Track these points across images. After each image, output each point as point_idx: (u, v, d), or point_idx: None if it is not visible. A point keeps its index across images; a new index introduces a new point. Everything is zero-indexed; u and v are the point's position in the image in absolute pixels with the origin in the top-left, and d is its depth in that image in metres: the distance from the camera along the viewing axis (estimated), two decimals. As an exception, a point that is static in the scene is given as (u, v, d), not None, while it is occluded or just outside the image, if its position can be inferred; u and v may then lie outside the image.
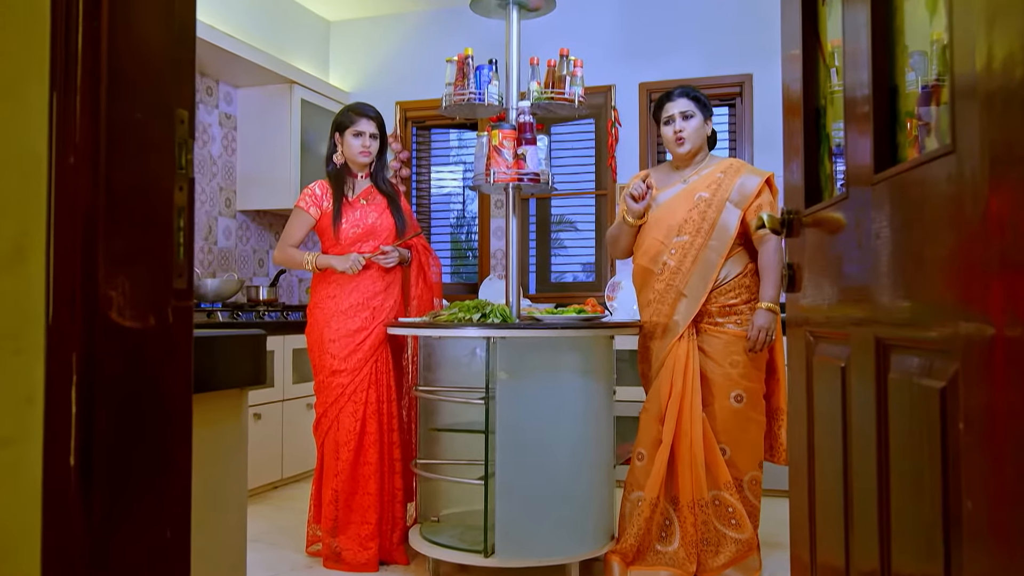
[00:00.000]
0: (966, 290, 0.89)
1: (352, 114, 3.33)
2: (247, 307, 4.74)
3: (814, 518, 1.64)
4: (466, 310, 3.00)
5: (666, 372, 3.00)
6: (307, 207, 3.29)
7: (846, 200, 1.33)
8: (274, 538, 3.62)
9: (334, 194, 3.31)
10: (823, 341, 1.54)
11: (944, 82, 1.01)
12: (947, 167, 0.94)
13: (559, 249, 5.65)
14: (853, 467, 1.32)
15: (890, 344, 1.15)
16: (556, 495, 2.96)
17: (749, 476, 3.01)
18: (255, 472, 4.31)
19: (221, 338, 1.34)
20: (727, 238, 2.98)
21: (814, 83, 1.68)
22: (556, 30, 4.76)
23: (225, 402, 1.36)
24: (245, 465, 1.42)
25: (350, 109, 3.36)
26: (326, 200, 3.30)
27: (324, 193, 3.31)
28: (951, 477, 0.93)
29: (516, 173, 3.16)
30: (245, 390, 1.41)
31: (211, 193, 5.05)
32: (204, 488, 1.32)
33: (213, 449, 1.35)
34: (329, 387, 3.22)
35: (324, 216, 3.30)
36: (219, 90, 5.13)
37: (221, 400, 1.34)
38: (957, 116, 0.90)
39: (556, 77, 3.27)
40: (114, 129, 0.90)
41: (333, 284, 3.27)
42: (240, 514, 1.40)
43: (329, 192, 3.31)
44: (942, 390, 0.95)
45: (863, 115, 1.22)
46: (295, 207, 3.33)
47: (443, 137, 6.03)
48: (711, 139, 3.25)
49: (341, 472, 3.18)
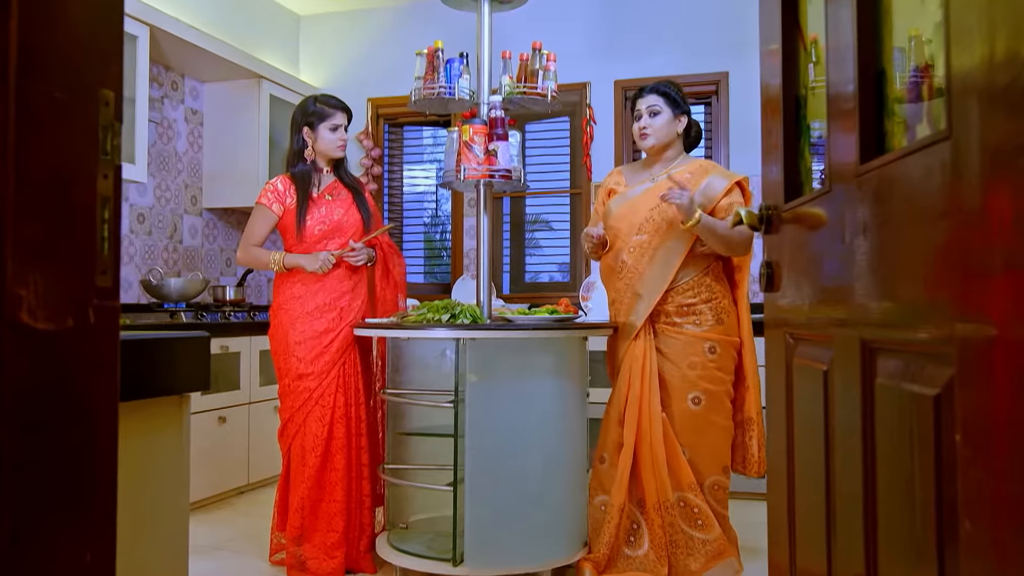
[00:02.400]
0: (963, 288, 0.82)
1: (326, 107, 3.21)
2: (213, 307, 4.61)
3: (794, 524, 1.57)
4: (435, 310, 2.91)
5: (624, 373, 2.94)
6: (270, 203, 3.17)
7: (828, 194, 1.26)
8: (239, 546, 3.50)
9: (299, 191, 3.18)
10: (803, 343, 1.46)
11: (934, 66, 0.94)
12: (941, 155, 0.86)
13: (534, 249, 5.57)
14: (836, 475, 1.25)
15: (876, 347, 1.08)
16: (527, 501, 2.88)
17: (711, 481, 2.92)
18: (220, 477, 4.20)
19: (159, 341, 1.24)
20: (687, 239, 2.90)
21: (794, 73, 1.61)
22: (530, 26, 4.68)
23: (163, 409, 1.27)
24: (187, 475, 1.32)
25: (320, 101, 3.23)
26: (289, 196, 3.18)
27: (287, 189, 3.18)
28: (946, 492, 0.85)
29: (487, 170, 3.07)
30: (187, 396, 1.31)
31: (176, 190, 4.92)
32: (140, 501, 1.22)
33: (150, 459, 1.25)
34: (295, 391, 3.11)
35: (287, 213, 3.17)
36: (185, 85, 5.00)
37: (159, 407, 1.25)
38: (954, 99, 0.83)
39: (528, 71, 3.19)
40: (26, 108, 0.81)
41: (299, 284, 3.15)
42: (181, 527, 1.31)
43: (292, 188, 3.19)
44: (935, 397, 0.88)
45: (847, 103, 1.15)
46: (257, 204, 3.20)
47: (416, 135, 5.93)
48: (695, 137, 3.17)
49: (308, 479, 3.07)
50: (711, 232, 2.82)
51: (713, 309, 2.93)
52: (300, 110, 3.25)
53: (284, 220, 3.18)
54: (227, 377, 4.27)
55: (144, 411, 1.24)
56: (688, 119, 3.10)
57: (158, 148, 4.77)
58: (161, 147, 4.80)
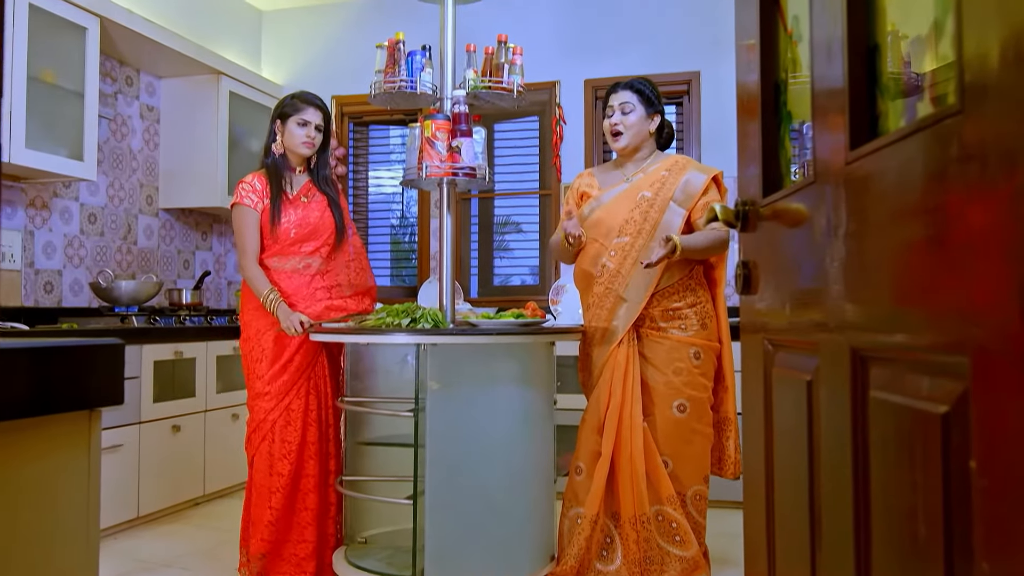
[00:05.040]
0: (980, 286, 0.70)
1: (298, 102, 3.08)
2: (168, 311, 4.43)
3: (773, 546, 1.44)
4: (395, 314, 2.76)
5: (605, 380, 2.81)
6: (253, 204, 3.00)
7: (812, 185, 1.13)
8: (191, 562, 3.33)
9: (272, 189, 3.03)
10: (784, 350, 1.34)
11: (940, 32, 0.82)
12: (950, 133, 0.74)
13: (503, 252, 5.43)
14: (822, 498, 1.13)
15: (869, 355, 0.95)
16: (491, 514, 2.74)
17: (693, 491, 2.81)
18: (174, 489, 4.02)
19: (64, 349, 1.09)
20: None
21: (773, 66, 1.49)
22: (499, 24, 4.56)
23: (68, 427, 1.11)
24: (96, 500, 1.17)
25: (296, 97, 3.11)
26: (266, 195, 3.03)
27: (264, 187, 3.04)
28: (956, 527, 0.73)
29: (450, 167, 2.93)
30: (97, 412, 1.16)
31: (130, 189, 4.72)
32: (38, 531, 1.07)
33: (52, 484, 1.10)
34: (264, 397, 2.95)
35: (263, 212, 3.02)
36: (140, 80, 4.81)
37: (60, 425, 1.10)
38: (966, 66, 0.70)
39: (494, 65, 3.06)
40: None
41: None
42: (89, 558, 1.16)
43: (267, 186, 3.04)
44: (944, 416, 0.75)
45: (835, 82, 1.03)
46: (238, 205, 3.01)
47: (382, 134, 5.77)
48: (667, 138, 3.07)
49: (281, 488, 2.91)
50: (692, 250, 2.74)
51: (698, 313, 2.82)
52: (277, 104, 3.16)
53: (261, 218, 3.02)
54: (182, 384, 4.09)
55: (45, 429, 1.09)
56: (661, 119, 2.99)
57: (111, 145, 4.58)
58: (114, 144, 4.61)
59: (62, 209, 4.24)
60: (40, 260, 4.10)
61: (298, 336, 2.94)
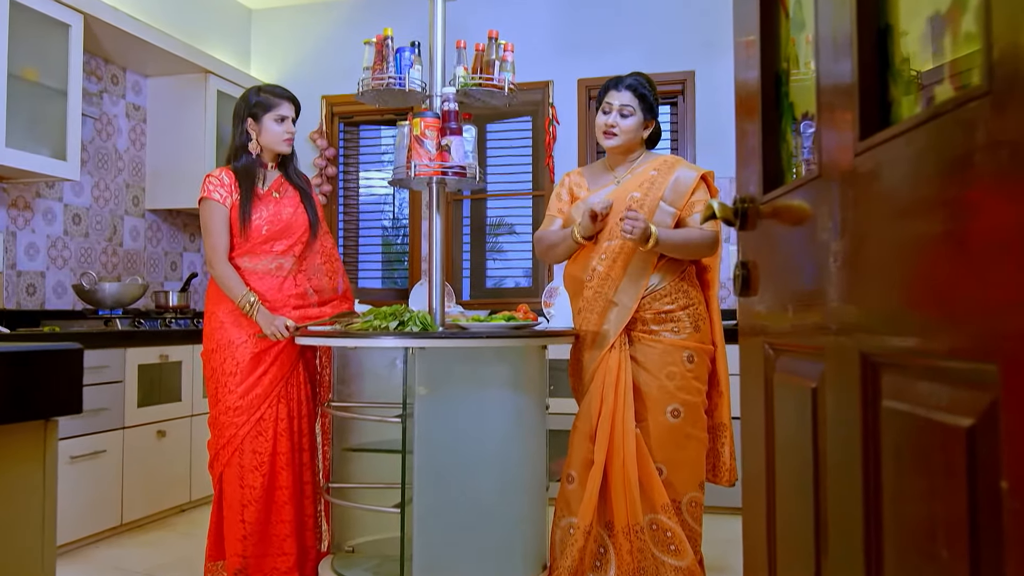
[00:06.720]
0: (1011, 286, 0.63)
1: (271, 97, 2.95)
2: (154, 314, 4.34)
3: (774, 556, 1.37)
4: (383, 317, 2.69)
5: (596, 386, 2.73)
6: (222, 199, 2.88)
7: (818, 179, 1.06)
8: (172, 571, 3.25)
9: (242, 186, 2.91)
10: (786, 355, 1.26)
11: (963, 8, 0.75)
12: (975, 118, 0.67)
13: (496, 254, 5.36)
14: (830, 509, 1.06)
15: (882, 362, 0.88)
16: (482, 522, 2.67)
17: (688, 498, 2.74)
18: (158, 496, 3.93)
19: (14, 355, 1.02)
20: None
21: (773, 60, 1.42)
22: (491, 24, 4.49)
23: (19, 439, 1.04)
24: (53, 517, 1.09)
25: (265, 91, 2.97)
26: (235, 190, 2.92)
27: (232, 181, 2.92)
28: (985, 553, 0.66)
29: (440, 166, 2.86)
30: (53, 422, 1.09)
31: (116, 190, 4.64)
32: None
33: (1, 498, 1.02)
34: (235, 411, 2.85)
35: (232, 209, 2.91)
36: (126, 79, 4.73)
37: (12, 436, 1.02)
38: (995, 41, 0.63)
39: (485, 62, 2.99)
40: None
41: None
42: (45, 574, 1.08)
43: (236, 182, 2.94)
44: (969, 430, 0.68)
45: (843, 66, 0.96)
46: (206, 200, 2.89)
47: (373, 135, 5.69)
48: (654, 136, 3.00)
49: (254, 500, 2.81)
50: (672, 245, 2.66)
51: (691, 316, 2.75)
52: (243, 101, 2.98)
53: (230, 215, 2.91)
54: (167, 388, 4.01)
55: (-5, 440, 1.02)
56: (655, 123, 2.93)
57: (96, 145, 4.49)
58: (100, 144, 4.53)
59: (45, 210, 4.16)
60: (22, 262, 4.01)
61: (280, 341, 2.84)
